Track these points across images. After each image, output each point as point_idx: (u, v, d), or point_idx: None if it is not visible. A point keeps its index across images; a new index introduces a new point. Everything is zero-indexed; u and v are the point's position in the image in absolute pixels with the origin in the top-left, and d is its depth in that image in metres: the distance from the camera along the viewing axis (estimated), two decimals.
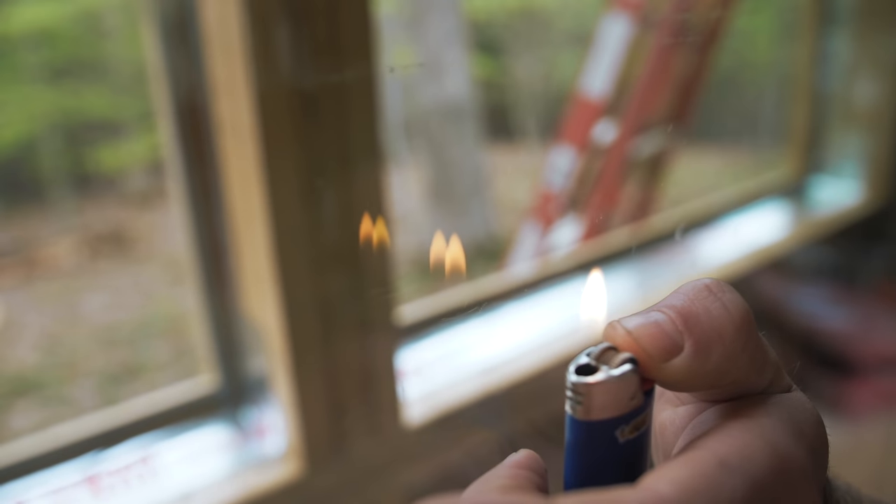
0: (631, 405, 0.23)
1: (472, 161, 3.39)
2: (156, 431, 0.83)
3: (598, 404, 0.23)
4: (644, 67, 1.69)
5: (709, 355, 0.23)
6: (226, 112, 0.72)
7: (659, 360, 0.23)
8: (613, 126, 1.72)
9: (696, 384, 0.24)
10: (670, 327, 0.24)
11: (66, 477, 0.77)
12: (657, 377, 0.24)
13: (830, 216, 1.57)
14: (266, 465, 0.80)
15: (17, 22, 3.31)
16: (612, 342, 0.24)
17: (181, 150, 0.79)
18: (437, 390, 0.91)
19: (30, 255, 3.27)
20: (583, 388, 0.23)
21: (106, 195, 3.79)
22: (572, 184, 1.73)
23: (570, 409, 0.23)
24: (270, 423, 0.83)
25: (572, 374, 0.23)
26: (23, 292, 3.14)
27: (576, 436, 0.24)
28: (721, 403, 0.26)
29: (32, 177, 3.49)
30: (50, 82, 3.49)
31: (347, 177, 0.73)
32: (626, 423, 0.23)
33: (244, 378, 0.87)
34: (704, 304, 0.24)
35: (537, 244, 1.76)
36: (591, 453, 0.24)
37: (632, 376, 0.23)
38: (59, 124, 3.52)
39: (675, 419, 0.28)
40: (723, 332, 0.24)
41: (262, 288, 0.74)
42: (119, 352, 2.88)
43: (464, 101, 3.33)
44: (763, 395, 0.25)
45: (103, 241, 3.45)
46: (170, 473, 0.78)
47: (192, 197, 0.81)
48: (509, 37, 3.96)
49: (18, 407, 2.51)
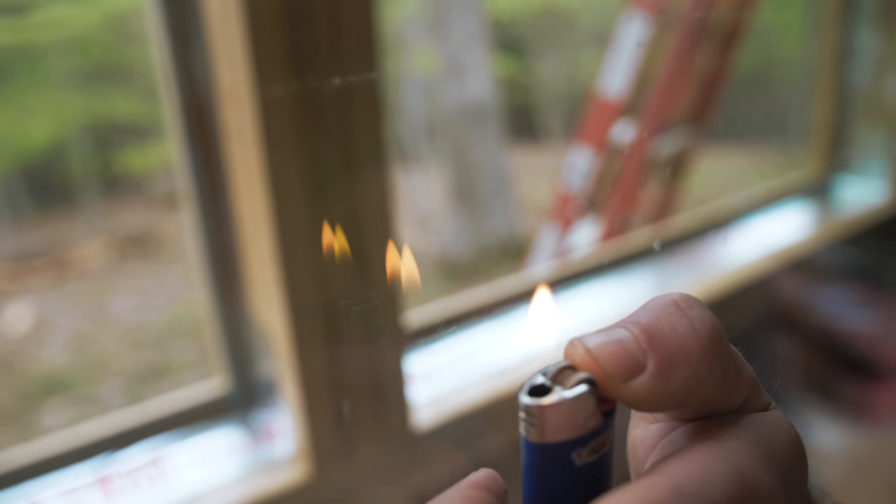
0: (587, 427, 0.23)
1: (494, 162, 3.39)
2: (167, 433, 0.84)
3: (552, 426, 0.22)
4: (664, 66, 1.67)
5: (673, 375, 0.22)
6: (231, 117, 0.73)
7: (619, 379, 0.22)
8: (632, 126, 1.70)
9: (660, 405, 0.23)
10: (633, 345, 0.23)
11: (78, 478, 0.78)
12: (617, 397, 0.23)
13: (856, 216, 1.54)
14: (275, 467, 0.80)
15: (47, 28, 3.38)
16: (571, 360, 0.23)
17: (190, 155, 0.80)
18: (446, 394, 0.91)
19: (60, 257, 3.33)
20: (535, 409, 0.22)
21: (134, 197, 3.85)
22: (591, 184, 1.72)
23: (524, 431, 0.23)
24: (279, 426, 0.84)
25: (525, 394, 0.23)
26: (53, 293, 3.20)
27: (531, 458, 0.23)
28: (692, 422, 0.25)
29: (62, 180, 3.56)
30: (79, 87, 3.55)
31: (353, 180, 0.73)
32: (582, 445, 0.23)
33: (254, 381, 0.88)
34: (671, 320, 0.23)
35: (556, 245, 1.75)
36: (546, 476, 0.23)
37: (588, 397, 0.22)
38: (88, 128, 3.58)
39: (646, 437, 0.27)
40: (688, 351, 0.22)
41: (269, 291, 0.75)
42: (146, 352, 2.92)
43: (486, 102, 3.33)
44: (735, 416, 0.24)
45: (132, 242, 3.51)
46: (180, 476, 0.79)
47: (202, 201, 0.82)
48: (532, 36, 3.95)
49: (48, 406, 2.56)
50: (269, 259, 0.72)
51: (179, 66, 0.77)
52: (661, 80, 1.65)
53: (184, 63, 0.76)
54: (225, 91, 0.72)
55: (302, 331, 0.74)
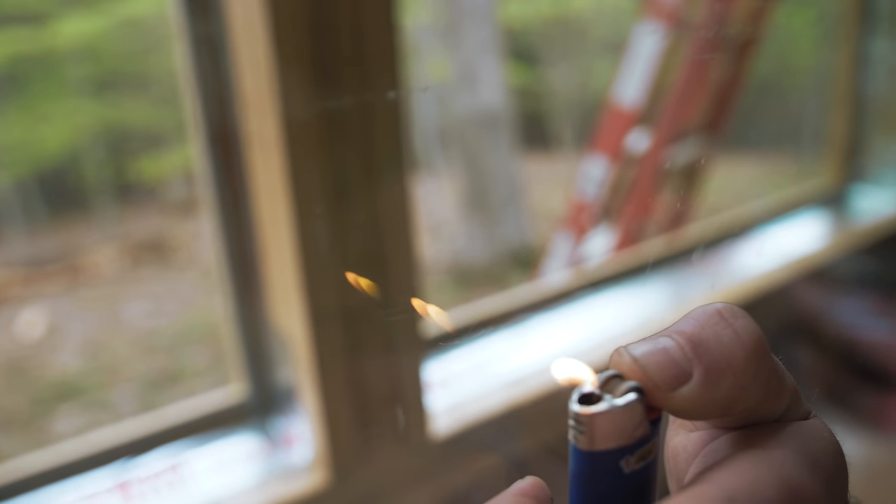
0: (636, 435, 0.23)
1: (506, 170, 3.39)
2: (186, 439, 0.84)
3: (602, 434, 0.23)
4: (679, 75, 1.67)
5: (718, 384, 0.23)
6: (254, 125, 0.73)
7: (666, 388, 0.23)
8: (647, 135, 1.70)
9: (706, 413, 0.23)
10: (679, 354, 0.23)
11: (98, 483, 0.78)
12: (664, 406, 0.23)
13: (872, 225, 1.53)
14: (293, 474, 0.80)
15: (63, 36, 3.41)
16: (618, 370, 0.24)
17: (211, 162, 0.81)
18: (463, 402, 0.91)
19: (73, 263, 3.35)
20: (585, 417, 0.23)
21: (147, 204, 3.88)
22: (605, 193, 1.71)
23: (573, 439, 0.23)
24: (298, 433, 0.84)
25: (575, 403, 0.23)
26: (67, 299, 3.22)
27: (579, 466, 0.23)
28: (734, 431, 0.25)
29: (76, 186, 3.59)
30: (94, 95, 3.59)
31: (373, 188, 0.73)
32: (630, 453, 0.23)
33: (273, 388, 0.88)
34: (715, 329, 0.23)
35: (570, 254, 1.74)
36: (595, 484, 0.23)
37: (636, 406, 0.23)
38: (102, 135, 3.61)
39: (687, 445, 0.27)
40: (733, 360, 0.23)
41: (289, 298, 0.75)
42: (159, 358, 2.93)
43: (499, 110, 3.33)
44: (778, 424, 0.24)
45: (144, 249, 3.53)
46: (198, 481, 0.79)
47: (222, 208, 0.82)
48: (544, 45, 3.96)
49: (61, 411, 2.57)
50: (290, 265, 0.72)
51: (202, 73, 0.77)
52: (676, 89, 1.65)
53: (207, 70, 0.77)
54: (248, 98, 0.73)
55: (322, 338, 0.74)
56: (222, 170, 0.81)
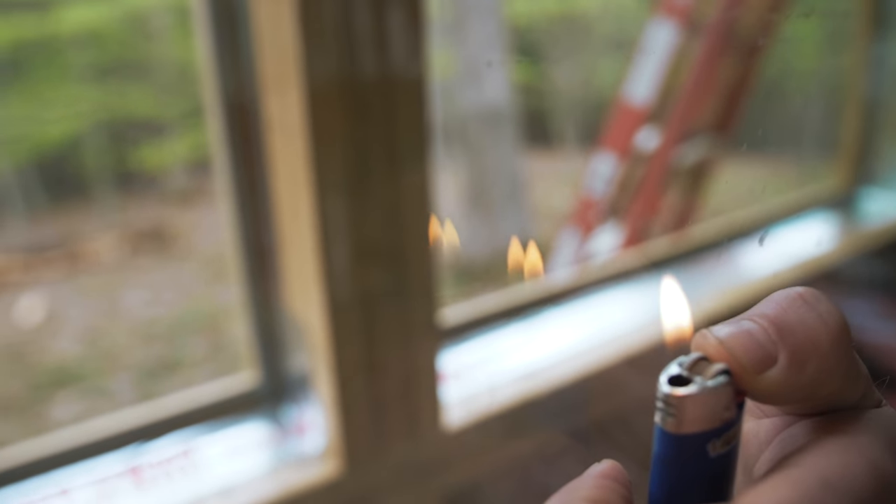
0: (723, 418, 0.23)
1: (509, 166, 3.38)
2: (198, 426, 0.83)
3: (691, 417, 0.22)
4: (689, 74, 1.67)
5: (804, 367, 0.22)
6: (275, 109, 0.72)
7: (753, 371, 0.22)
8: (656, 133, 1.70)
9: (791, 397, 0.23)
10: (763, 337, 0.23)
11: (109, 467, 0.77)
12: (751, 389, 0.23)
13: (880, 228, 1.53)
14: (305, 462, 0.80)
15: (66, 23, 3.40)
16: (704, 352, 0.23)
17: (229, 146, 0.80)
18: (476, 394, 0.90)
19: (73, 250, 3.34)
20: (675, 400, 0.22)
21: (148, 193, 3.86)
22: (613, 191, 1.71)
23: (661, 422, 0.23)
24: (310, 421, 0.83)
25: (664, 385, 0.23)
26: (66, 286, 3.21)
27: (665, 449, 0.23)
28: (810, 418, 0.25)
29: (77, 173, 3.58)
30: (96, 82, 3.57)
31: (395, 174, 0.73)
32: (717, 436, 0.23)
33: (285, 375, 0.87)
34: (798, 313, 0.23)
35: (577, 251, 1.74)
36: (681, 467, 0.23)
37: (726, 388, 0.22)
38: (104, 123, 3.59)
39: (759, 432, 0.27)
40: (818, 344, 0.22)
41: (306, 285, 0.74)
42: (157, 347, 2.92)
43: (503, 106, 3.33)
44: (857, 410, 0.24)
45: (144, 237, 3.52)
46: (210, 468, 0.79)
47: (239, 193, 0.81)
48: (549, 42, 3.95)
49: (59, 398, 2.56)
50: (308, 251, 0.72)
51: (223, 55, 0.77)
52: (687, 88, 1.65)
53: (226, 47, 0.76)
54: (269, 81, 0.72)
55: (338, 325, 0.74)
56: (240, 154, 0.80)
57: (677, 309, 0.27)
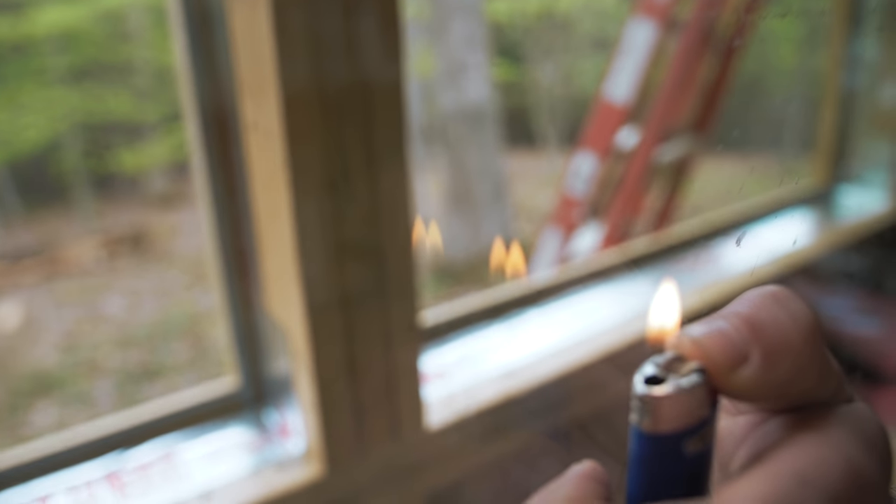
0: (699, 416, 0.23)
1: (491, 166, 3.39)
2: (178, 431, 0.83)
3: (666, 416, 0.22)
4: (668, 73, 1.68)
5: (777, 365, 0.23)
6: (251, 112, 0.72)
7: (727, 369, 0.23)
8: (636, 132, 1.71)
9: (764, 394, 0.23)
10: (737, 336, 0.23)
11: (88, 474, 0.76)
12: (725, 387, 0.23)
13: (858, 224, 1.55)
14: (287, 465, 0.79)
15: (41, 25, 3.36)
16: (678, 351, 0.23)
17: (206, 149, 0.79)
18: (458, 394, 0.90)
19: (51, 255, 3.30)
20: (651, 399, 0.22)
21: (126, 196, 3.83)
22: (594, 189, 1.72)
23: (637, 421, 0.23)
24: (292, 424, 0.83)
25: (640, 384, 0.23)
26: (44, 291, 3.17)
27: (642, 448, 0.23)
28: (784, 414, 0.25)
29: (54, 177, 3.54)
30: (72, 84, 3.53)
31: (373, 176, 0.72)
32: (693, 434, 0.23)
33: (266, 378, 0.87)
34: (771, 312, 0.23)
35: (558, 250, 1.75)
36: (657, 466, 0.23)
37: (700, 387, 0.23)
38: (81, 126, 3.56)
39: (733, 429, 0.27)
40: (791, 342, 0.23)
41: (286, 287, 0.74)
42: (137, 352, 2.90)
43: (484, 106, 3.33)
44: (829, 406, 0.24)
45: (123, 241, 3.48)
46: (191, 472, 0.78)
47: (217, 196, 0.81)
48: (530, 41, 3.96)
49: (39, 405, 2.54)
50: (287, 255, 0.71)
51: (199, 59, 0.76)
52: (666, 86, 1.66)
53: (204, 56, 0.76)
54: (246, 84, 0.72)
55: (318, 328, 0.73)
56: (217, 157, 0.80)
57: (669, 311, 0.27)
